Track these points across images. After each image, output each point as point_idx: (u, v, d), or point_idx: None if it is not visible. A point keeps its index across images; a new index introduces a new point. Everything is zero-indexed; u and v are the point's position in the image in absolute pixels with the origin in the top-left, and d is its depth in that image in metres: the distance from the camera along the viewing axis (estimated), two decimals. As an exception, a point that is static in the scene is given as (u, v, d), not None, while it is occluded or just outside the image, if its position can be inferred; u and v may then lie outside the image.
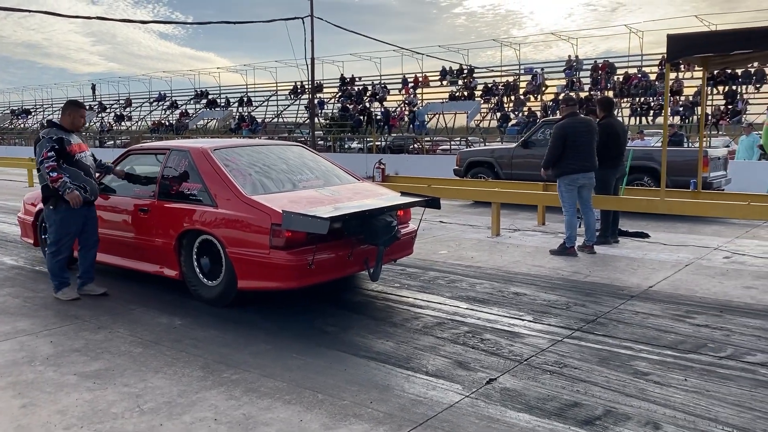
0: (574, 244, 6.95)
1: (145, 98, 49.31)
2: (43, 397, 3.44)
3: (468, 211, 10.67)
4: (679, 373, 3.67)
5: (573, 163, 6.86)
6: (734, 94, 25.77)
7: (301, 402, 3.35)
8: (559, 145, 6.85)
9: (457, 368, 3.80)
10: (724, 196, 8.13)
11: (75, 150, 5.13)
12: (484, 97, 33.14)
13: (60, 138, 5.04)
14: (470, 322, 4.66)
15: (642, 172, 9.94)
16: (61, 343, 4.27)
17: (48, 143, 4.99)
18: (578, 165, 6.87)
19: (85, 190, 5.11)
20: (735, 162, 13.53)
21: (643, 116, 27.18)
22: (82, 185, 5.10)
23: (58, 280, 5.32)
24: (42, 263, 6.64)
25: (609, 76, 30.14)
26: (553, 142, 6.92)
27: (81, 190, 5.08)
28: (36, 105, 56.09)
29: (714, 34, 6.43)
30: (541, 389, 3.48)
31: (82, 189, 5.08)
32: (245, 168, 5.21)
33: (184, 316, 4.85)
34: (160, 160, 5.56)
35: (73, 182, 5.03)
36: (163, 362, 3.93)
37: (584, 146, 6.88)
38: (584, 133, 6.90)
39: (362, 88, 38.14)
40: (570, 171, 6.87)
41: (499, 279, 5.95)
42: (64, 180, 4.97)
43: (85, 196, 5.11)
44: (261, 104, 42.76)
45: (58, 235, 5.15)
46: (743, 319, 4.68)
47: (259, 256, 4.58)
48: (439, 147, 25.82)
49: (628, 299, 5.22)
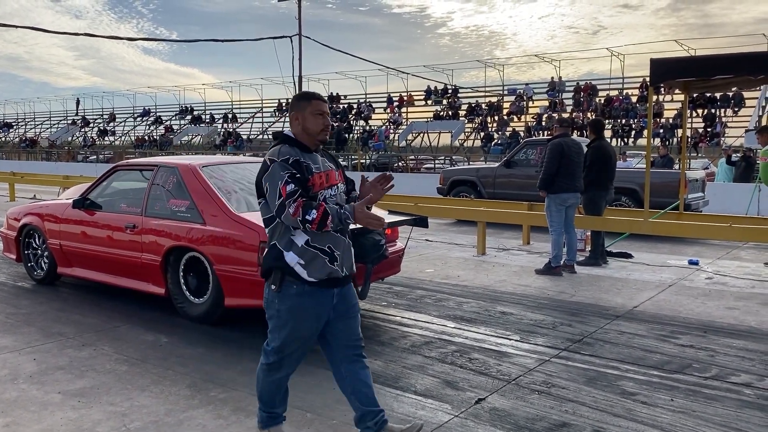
0: (560, 263, 7.01)
1: (129, 113, 49.07)
2: (26, 416, 3.39)
3: (453, 230, 10.72)
4: (665, 393, 3.71)
5: (564, 183, 6.98)
6: (713, 117, 26.24)
7: (290, 422, 3.32)
8: (555, 162, 6.95)
9: (446, 388, 3.80)
10: (707, 218, 8.26)
11: (318, 183, 2.87)
12: (468, 116, 33.42)
13: (297, 161, 2.82)
14: (458, 342, 4.67)
15: (621, 192, 10.07)
16: (44, 361, 4.21)
17: (283, 170, 2.77)
18: (569, 184, 7.01)
19: (332, 259, 2.86)
20: (714, 184, 13.76)
21: (624, 138, 27.54)
22: (328, 249, 2.86)
23: (268, 411, 3.10)
24: (25, 278, 6.57)
25: (591, 98, 30.56)
26: (549, 160, 7.01)
27: (327, 258, 2.85)
28: (18, 118, 55.55)
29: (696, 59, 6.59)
30: (530, 409, 3.49)
31: (328, 257, 2.85)
32: (233, 185, 5.21)
33: (170, 334, 4.81)
34: (147, 176, 5.54)
35: (314, 245, 2.83)
36: (149, 380, 3.89)
37: (575, 167, 7.05)
38: (576, 154, 7.07)
39: (347, 106, 38.31)
40: (560, 190, 6.98)
41: (486, 298, 5.98)
42: (333, 211, 2.74)
43: (333, 268, 2.86)
44: (246, 121, 42.74)
45: (283, 337, 2.91)
46: (727, 339, 4.74)
47: (247, 274, 4.57)
48: (423, 165, 26.00)
49: (614, 319, 5.27)
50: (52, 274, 6.19)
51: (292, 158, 2.78)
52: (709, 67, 6.34)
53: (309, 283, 2.82)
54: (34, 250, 6.41)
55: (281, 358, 2.94)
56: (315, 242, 2.81)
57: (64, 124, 51.02)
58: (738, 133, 25.06)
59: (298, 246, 2.81)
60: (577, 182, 7.10)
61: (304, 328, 2.89)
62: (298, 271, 2.81)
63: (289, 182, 2.72)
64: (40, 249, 6.33)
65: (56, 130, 50.46)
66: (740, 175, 14.82)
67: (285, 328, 2.88)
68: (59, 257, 6.03)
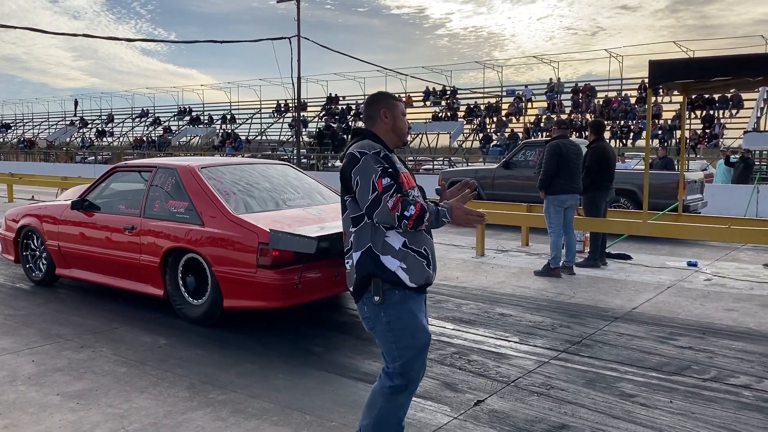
0: (559, 265, 7.01)
1: (128, 114, 49.02)
2: (25, 418, 3.38)
3: (452, 231, 10.70)
4: (664, 395, 3.71)
5: (563, 183, 6.98)
6: (711, 119, 26.27)
7: (288, 423, 3.32)
8: (554, 163, 6.95)
9: (445, 389, 3.80)
10: (705, 219, 8.27)
11: (406, 182, 2.69)
12: (466, 117, 33.45)
13: (387, 155, 2.65)
14: (457, 343, 4.67)
15: (620, 194, 10.08)
16: (43, 362, 4.20)
17: (376, 163, 2.57)
18: (567, 185, 7.01)
19: (429, 263, 2.67)
20: (713, 185, 13.77)
21: (623, 139, 27.56)
22: (425, 252, 2.65)
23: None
24: (23, 280, 6.55)
25: (590, 99, 30.58)
26: (548, 160, 7.01)
27: (425, 262, 2.64)
28: (16, 119, 55.50)
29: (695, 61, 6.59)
30: (529, 411, 3.49)
31: (425, 260, 2.64)
32: (232, 186, 5.20)
33: (169, 336, 4.80)
34: (146, 177, 5.53)
35: (412, 247, 2.61)
36: (148, 382, 3.88)
37: (574, 168, 7.06)
38: (574, 155, 7.08)
39: (346, 107, 38.30)
40: (559, 191, 6.98)
41: (485, 300, 5.98)
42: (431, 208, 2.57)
43: (429, 272, 2.67)
44: (245, 122, 42.73)
45: (403, 351, 2.61)
46: (725, 341, 4.74)
47: (245, 275, 4.56)
48: (422, 167, 26.02)
49: (613, 321, 5.27)
50: (51, 276, 6.19)
51: (383, 152, 2.62)
52: (707, 68, 6.34)
53: (409, 288, 2.59)
54: (32, 251, 6.40)
55: (407, 378, 2.62)
56: (412, 244, 2.59)
57: (63, 125, 50.98)
58: (737, 134, 25.07)
59: (395, 249, 2.57)
60: (575, 183, 7.11)
61: (420, 336, 2.61)
62: (401, 277, 2.56)
63: (384, 176, 2.52)
64: (38, 250, 6.33)
65: (54, 131, 50.41)
66: (739, 176, 14.84)
67: (402, 340, 2.58)
68: (58, 258, 6.02)
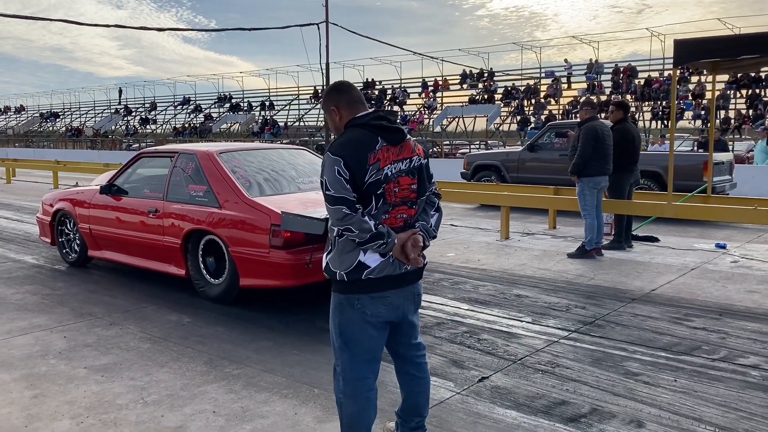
0: (594, 246, 6.99)
1: (170, 102, 50.05)
2: (53, 389, 3.61)
3: (480, 215, 10.73)
4: (669, 374, 3.73)
5: (597, 166, 6.95)
6: (757, 98, 25.43)
7: (297, 396, 3.47)
8: (590, 147, 6.91)
9: (452, 366, 3.89)
10: (731, 201, 8.10)
11: None
12: (504, 100, 33.11)
13: None
14: (469, 323, 4.75)
15: (644, 176, 9.91)
16: (74, 338, 4.45)
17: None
18: (602, 167, 6.98)
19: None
20: (752, 166, 13.39)
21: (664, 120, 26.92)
22: None
23: None
24: (60, 262, 6.88)
25: (630, 80, 29.91)
26: (585, 144, 6.91)
27: None
28: (64, 108, 57.22)
29: (720, 39, 6.44)
30: (531, 387, 3.56)
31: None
32: (248, 171, 5.38)
33: (192, 314, 5.01)
34: (168, 163, 5.75)
35: None
36: (169, 357, 4.09)
37: (607, 149, 7.02)
38: (608, 137, 7.05)
39: (382, 91, 38.29)
40: (594, 173, 6.95)
41: (504, 281, 6.03)
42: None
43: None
44: (283, 108, 43.15)
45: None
46: (741, 322, 4.70)
47: (259, 255, 4.75)
48: (458, 151, 25.84)
49: (629, 302, 5.26)
50: (84, 257, 6.49)
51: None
52: (733, 47, 6.19)
53: None
54: (66, 234, 6.72)
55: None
56: None
57: (108, 113, 52.36)
58: (783, 113, 24.24)
59: None
60: (609, 165, 7.06)
61: None
62: None
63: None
64: (72, 233, 6.64)
65: (100, 119, 51.84)
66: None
67: None
68: (89, 241, 6.31)
